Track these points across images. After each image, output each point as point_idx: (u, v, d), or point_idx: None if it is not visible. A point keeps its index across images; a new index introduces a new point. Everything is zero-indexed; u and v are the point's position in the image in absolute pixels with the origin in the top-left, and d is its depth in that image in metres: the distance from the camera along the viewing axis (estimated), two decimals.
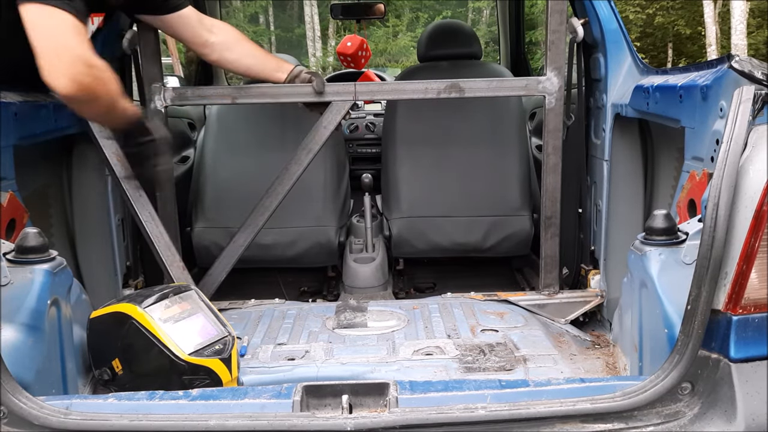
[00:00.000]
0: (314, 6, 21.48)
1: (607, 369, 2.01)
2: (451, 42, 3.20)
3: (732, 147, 1.45)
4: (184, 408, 1.46)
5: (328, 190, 3.03)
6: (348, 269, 2.96)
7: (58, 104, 2.19)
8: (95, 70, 1.82)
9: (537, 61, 5.92)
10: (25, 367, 1.53)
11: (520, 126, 3.10)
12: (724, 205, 1.42)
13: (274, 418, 1.42)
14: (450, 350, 2.03)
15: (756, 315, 1.45)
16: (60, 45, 1.79)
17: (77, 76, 1.78)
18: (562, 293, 2.53)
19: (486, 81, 2.42)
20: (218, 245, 2.75)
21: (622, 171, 2.43)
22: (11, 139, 1.91)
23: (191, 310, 1.92)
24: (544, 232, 2.50)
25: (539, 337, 2.15)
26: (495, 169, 3.01)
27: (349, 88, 2.40)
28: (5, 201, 1.85)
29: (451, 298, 2.50)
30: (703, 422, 1.45)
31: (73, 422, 1.40)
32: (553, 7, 2.34)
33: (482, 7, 22.51)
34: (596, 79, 2.50)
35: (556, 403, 1.44)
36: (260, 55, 2.45)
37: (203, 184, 3.03)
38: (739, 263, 1.44)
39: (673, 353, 1.47)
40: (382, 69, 9.97)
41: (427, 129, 3.01)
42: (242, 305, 2.50)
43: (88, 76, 1.80)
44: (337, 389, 1.47)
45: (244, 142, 3.01)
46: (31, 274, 1.64)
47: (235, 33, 2.45)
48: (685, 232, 1.72)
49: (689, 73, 1.95)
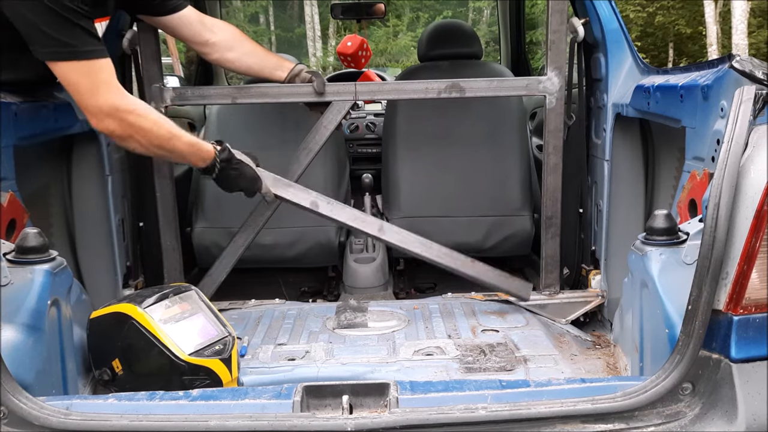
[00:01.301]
0: (314, 6, 21.48)
1: (607, 369, 2.00)
2: (452, 42, 3.20)
3: (733, 147, 1.45)
4: (185, 408, 1.46)
5: (328, 190, 3.02)
6: (348, 269, 2.96)
7: (59, 104, 2.19)
8: (123, 114, 1.94)
9: (537, 61, 5.92)
10: (25, 367, 1.53)
11: (520, 126, 3.10)
12: (724, 205, 1.42)
13: (274, 418, 1.42)
14: (450, 350, 2.03)
15: (757, 315, 1.45)
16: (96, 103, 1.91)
17: (117, 125, 1.94)
18: (562, 293, 2.52)
19: (487, 81, 2.42)
20: (218, 245, 2.75)
21: (623, 171, 2.43)
22: (11, 139, 1.91)
23: (191, 311, 1.93)
24: (545, 232, 2.50)
25: (540, 337, 2.15)
26: (495, 169, 3.01)
27: (350, 88, 2.40)
28: (5, 201, 1.85)
29: (452, 299, 2.50)
30: (704, 422, 1.45)
31: (74, 422, 1.40)
32: (553, 6, 2.34)
33: (483, 6, 22.50)
34: (597, 78, 2.50)
35: (557, 404, 1.44)
36: (260, 53, 2.45)
37: (203, 184, 3.03)
38: (739, 263, 1.44)
39: (674, 353, 1.47)
40: (383, 69, 9.97)
41: (428, 129, 3.00)
42: (242, 305, 2.50)
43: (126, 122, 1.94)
44: (338, 389, 1.47)
45: (244, 143, 2.98)
46: (32, 275, 1.64)
47: (235, 32, 2.45)
48: (686, 232, 1.71)
49: (690, 73, 1.95)
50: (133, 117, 1.96)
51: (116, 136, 1.98)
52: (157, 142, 2.03)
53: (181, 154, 2.12)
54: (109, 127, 1.94)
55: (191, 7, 2.37)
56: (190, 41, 2.40)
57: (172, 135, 2.05)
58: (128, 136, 1.97)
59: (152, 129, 2.00)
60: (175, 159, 2.23)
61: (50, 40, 1.82)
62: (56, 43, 1.83)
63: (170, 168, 2.51)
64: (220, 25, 2.45)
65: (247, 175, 2.22)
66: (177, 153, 2.10)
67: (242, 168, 2.21)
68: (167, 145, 2.05)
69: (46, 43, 1.83)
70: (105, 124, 1.94)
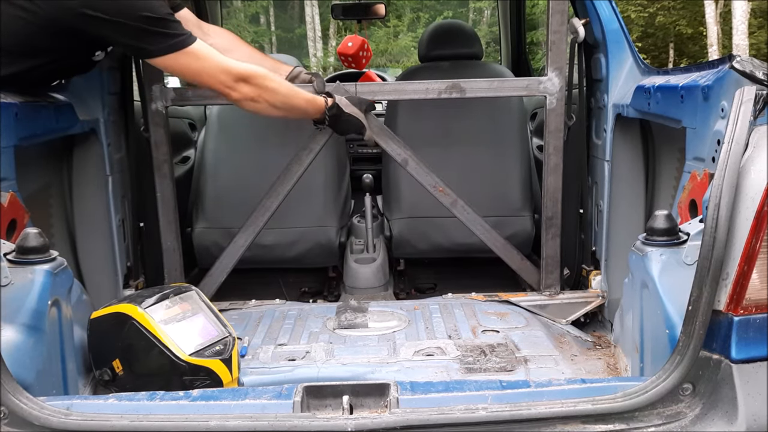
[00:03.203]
0: (315, 6, 21.49)
1: (608, 370, 2.00)
2: (452, 42, 3.20)
3: (733, 147, 1.45)
4: (185, 408, 1.46)
5: (328, 191, 3.02)
6: (349, 270, 2.96)
7: (59, 104, 2.19)
8: (249, 76, 2.11)
9: (538, 62, 5.93)
10: (25, 367, 1.53)
11: (521, 126, 3.10)
12: (725, 206, 1.42)
13: (274, 418, 1.42)
14: (451, 351, 2.03)
15: (757, 316, 1.45)
16: (219, 78, 2.08)
17: (250, 88, 2.11)
18: (563, 294, 2.52)
19: (487, 81, 2.42)
20: (219, 246, 2.75)
21: (624, 171, 2.43)
22: (12, 140, 1.91)
23: (192, 311, 1.93)
24: (545, 232, 2.50)
25: (540, 337, 2.15)
26: (496, 170, 3.01)
27: (350, 88, 2.40)
28: (6, 201, 1.84)
29: (452, 299, 2.50)
30: (704, 423, 1.45)
31: (74, 423, 1.40)
32: (554, 7, 2.34)
33: (483, 7, 22.50)
34: (597, 79, 2.50)
35: (557, 404, 1.44)
36: (258, 57, 2.46)
37: (204, 185, 3.03)
38: (740, 264, 1.44)
39: (674, 354, 1.46)
40: (383, 69, 9.98)
41: (428, 129, 3.00)
42: (243, 306, 2.50)
43: (252, 86, 2.11)
44: (338, 390, 1.47)
45: (245, 143, 3.01)
46: (32, 275, 1.64)
47: (232, 36, 2.47)
48: (687, 232, 1.71)
49: (690, 74, 1.95)
50: (259, 79, 2.12)
51: (249, 99, 2.12)
52: (282, 99, 2.19)
53: (301, 110, 2.28)
54: (245, 92, 2.10)
55: (188, 11, 2.38)
56: None
57: (292, 91, 2.24)
58: (258, 97, 2.13)
59: (277, 88, 2.17)
60: (293, 115, 2.32)
61: (162, 36, 1.97)
62: (169, 37, 1.98)
63: (170, 168, 2.52)
64: (216, 29, 2.47)
65: (353, 124, 2.39)
66: (297, 110, 2.26)
67: (349, 119, 2.37)
68: (289, 102, 2.22)
69: (159, 41, 1.98)
70: (242, 91, 2.10)
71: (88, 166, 2.42)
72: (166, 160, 2.49)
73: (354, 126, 2.39)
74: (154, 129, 2.47)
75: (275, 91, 2.16)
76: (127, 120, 2.55)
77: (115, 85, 2.47)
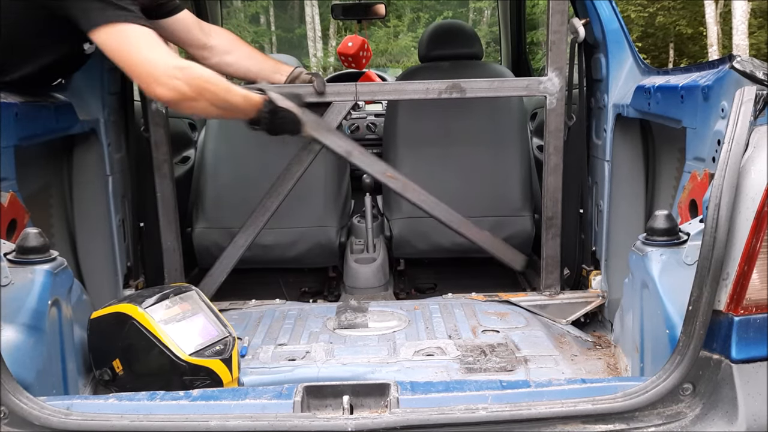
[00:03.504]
0: (315, 6, 21.48)
1: (608, 370, 2.00)
2: (452, 42, 3.20)
3: (733, 147, 1.45)
4: (185, 408, 1.46)
5: (328, 191, 3.02)
6: (349, 270, 2.96)
7: (60, 104, 2.19)
8: (188, 71, 1.92)
9: (538, 62, 5.93)
10: (25, 367, 1.53)
11: (521, 126, 3.10)
12: (725, 206, 1.42)
13: (274, 418, 1.42)
14: (451, 351, 2.03)
15: (757, 316, 1.45)
16: (148, 60, 1.88)
17: (176, 84, 1.89)
18: (563, 294, 2.52)
19: (487, 81, 2.42)
20: (219, 246, 2.75)
21: (624, 171, 2.43)
22: (12, 140, 1.91)
23: (192, 311, 1.93)
24: (545, 232, 2.50)
25: (540, 337, 2.14)
26: (496, 170, 3.01)
27: (350, 88, 2.40)
28: (6, 201, 1.84)
29: (452, 299, 2.50)
30: (705, 423, 1.45)
31: (74, 422, 1.41)
32: (554, 7, 2.34)
33: (483, 7, 22.50)
34: (597, 79, 2.50)
35: (558, 404, 1.44)
36: (258, 57, 2.46)
37: (204, 185, 3.03)
38: (740, 264, 1.44)
39: (675, 354, 1.47)
40: (383, 69, 9.97)
41: (428, 129, 3.00)
42: (243, 306, 2.50)
43: (184, 79, 1.90)
44: (338, 390, 1.47)
45: (245, 143, 3.00)
46: (32, 275, 1.64)
47: (232, 37, 2.47)
48: (687, 232, 1.71)
49: (690, 74, 1.95)
50: (200, 77, 1.94)
51: (190, 99, 1.93)
52: (222, 97, 2.00)
53: (239, 108, 2.10)
54: (183, 91, 1.91)
55: (188, 11, 2.37)
56: (188, 45, 2.41)
57: (231, 88, 2.05)
58: (199, 96, 1.94)
59: (218, 84, 1.99)
60: (230, 115, 2.15)
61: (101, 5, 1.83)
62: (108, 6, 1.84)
63: (170, 168, 2.51)
64: (216, 29, 2.46)
65: (289, 120, 2.23)
66: (235, 108, 2.08)
67: (285, 114, 2.21)
68: (229, 100, 2.03)
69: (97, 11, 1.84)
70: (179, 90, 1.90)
71: (88, 166, 2.42)
72: (166, 160, 2.49)
73: (290, 123, 2.23)
74: (154, 129, 2.46)
75: (216, 89, 1.98)
76: (127, 120, 2.55)
77: (115, 85, 2.47)
